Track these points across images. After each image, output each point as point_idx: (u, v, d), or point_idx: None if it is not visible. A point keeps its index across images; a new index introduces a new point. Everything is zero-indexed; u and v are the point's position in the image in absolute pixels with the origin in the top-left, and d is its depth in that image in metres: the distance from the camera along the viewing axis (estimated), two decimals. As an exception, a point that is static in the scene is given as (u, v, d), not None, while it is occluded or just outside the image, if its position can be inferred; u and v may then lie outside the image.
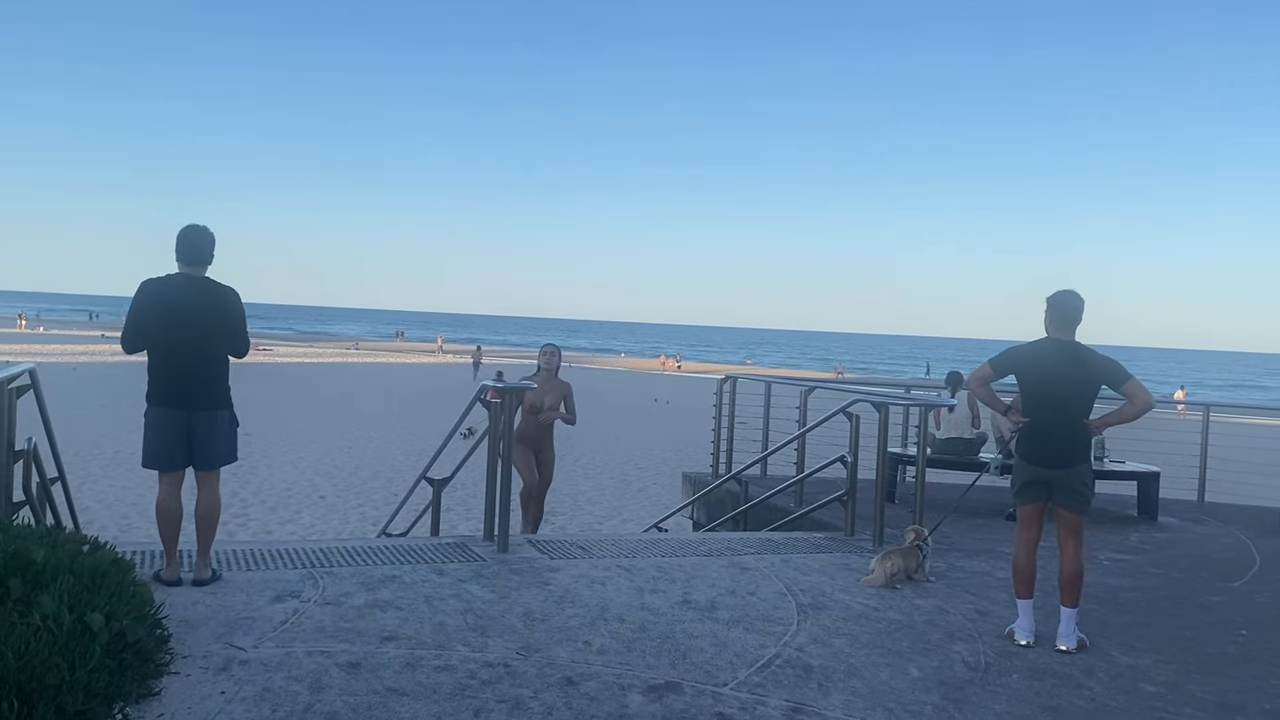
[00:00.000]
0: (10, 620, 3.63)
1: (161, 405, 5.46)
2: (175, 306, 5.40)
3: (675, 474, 15.23)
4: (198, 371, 5.45)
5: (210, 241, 5.55)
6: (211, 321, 5.46)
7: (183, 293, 5.43)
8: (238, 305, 5.60)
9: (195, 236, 5.51)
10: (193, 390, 5.45)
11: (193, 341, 5.41)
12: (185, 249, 5.50)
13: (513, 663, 4.51)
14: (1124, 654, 5.24)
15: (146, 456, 5.56)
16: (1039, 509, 5.48)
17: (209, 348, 5.48)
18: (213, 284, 5.54)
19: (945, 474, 10.28)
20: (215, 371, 5.52)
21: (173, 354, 5.41)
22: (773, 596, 5.97)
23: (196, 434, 5.51)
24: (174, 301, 5.40)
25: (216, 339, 5.50)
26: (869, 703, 4.30)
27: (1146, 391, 5.16)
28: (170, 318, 5.38)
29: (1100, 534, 8.72)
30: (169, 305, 5.40)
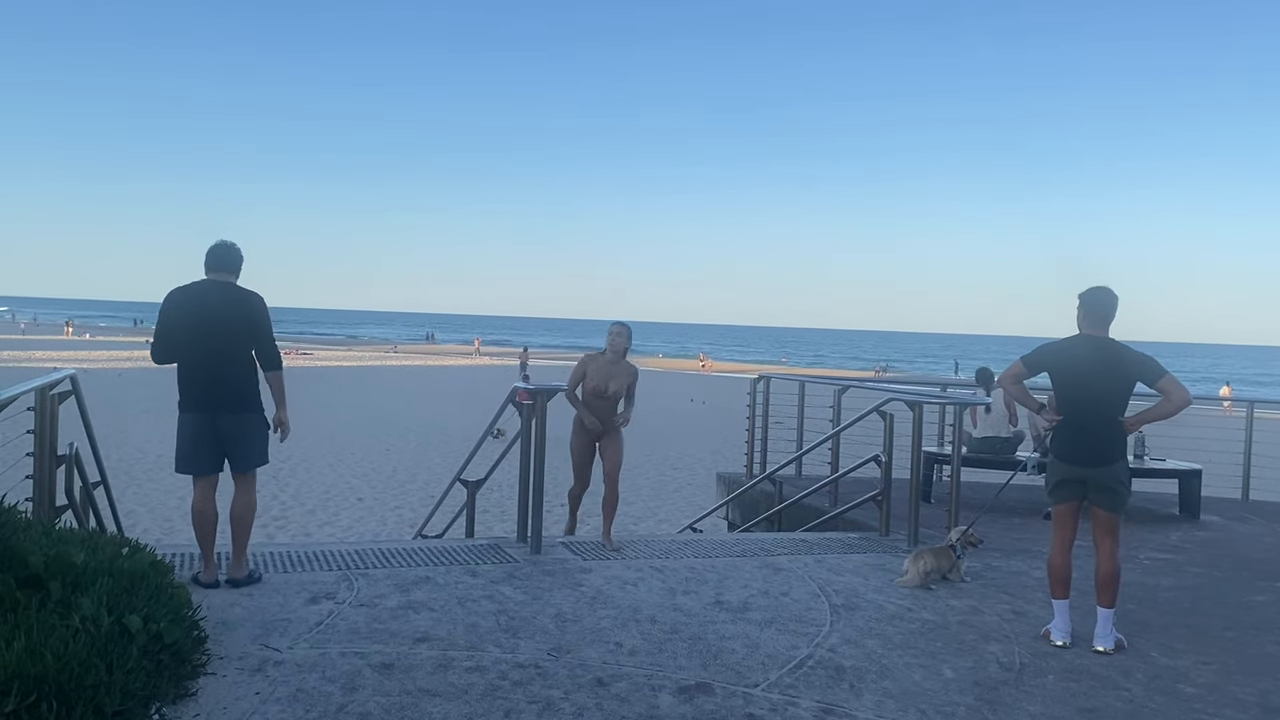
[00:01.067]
0: (50, 622, 3.70)
1: (191, 410, 5.57)
2: (203, 311, 5.51)
3: (711, 474, 15.21)
4: (225, 375, 5.53)
5: (238, 255, 5.71)
6: (239, 327, 5.56)
7: (210, 298, 5.54)
8: (263, 310, 5.70)
9: (225, 247, 5.67)
10: (221, 394, 5.53)
11: (220, 346, 5.50)
12: (215, 258, 5.64)
13: (544, 663, 4.53)
14: (1163, 655, 5.17)
15: (179, 461, 5.67)
16: (1074, 508, 5.41)
17: (236, 351, 5.56)
18: (239, 289, 5.66)
19: (983, 473, 10.20)
20: (243, 374, 5.60)
21: (201, 359, 5.51)
22: (806, 597, 5.95)
23: (227, 437, 5.59)
24: (202, 307, 5.52)
25: (244, 343, 5.59)
26: (901, 704, 4.27)
27: (1182, 387, 5.08)
28: (198, 323, 5.49)
29: (1141, 532, 8.60)
30: (196, 310, 5.52)
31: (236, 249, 5.72)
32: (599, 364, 7.15)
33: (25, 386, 5.70)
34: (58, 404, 5.98)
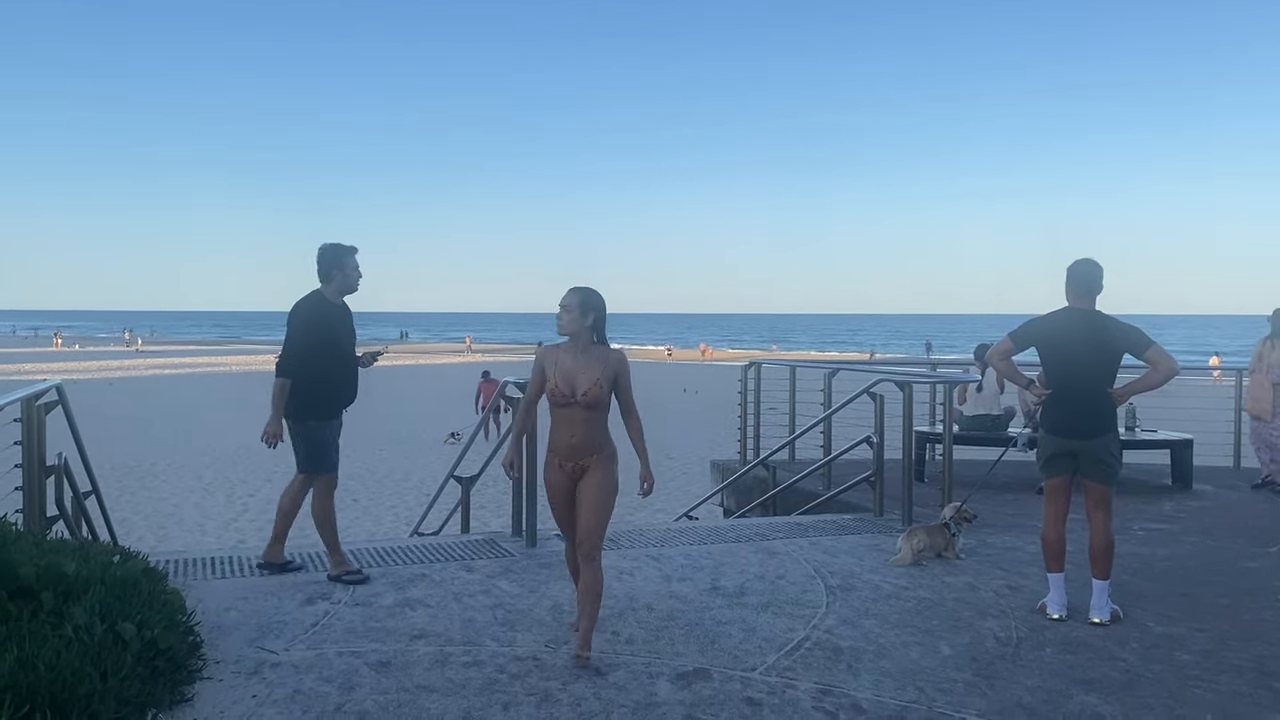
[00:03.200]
0: (42, 633, 3.69)
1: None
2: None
3: (705, 463, 15.21)
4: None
5: (320, 258, 5.81)
6: (286, 335, 5.79)
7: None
8: (293, 315, 5.78)
9: (317, 254, 5.86)
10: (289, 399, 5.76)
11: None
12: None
13: (541, 655, 4.52)
14: (1159, 624, 5.18)
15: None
16: (1066, 481, 5.42)
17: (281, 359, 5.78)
18: (304, 297, 5.84)
19: (975, 451, 10.22)
20: (295, 383, 5.71)
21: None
22: (801, 580, 5.96)
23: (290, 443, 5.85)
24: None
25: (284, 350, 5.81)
26: (899, 682, 4.27)
27: (1170, 357, 5.08)
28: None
29: (1134, 503, 8.62)
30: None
31: (320, 251, 5.83)
32: (558, 356, 4.64)
33: (10, 398, 5.67)
34: (44, 414, 5.96)
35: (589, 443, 4.56)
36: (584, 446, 4.56)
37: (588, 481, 4.57)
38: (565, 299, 4.60)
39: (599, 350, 4.62)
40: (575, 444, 4.55)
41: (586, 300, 4.59)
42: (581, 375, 4.54)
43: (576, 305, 4.57)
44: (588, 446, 4.57)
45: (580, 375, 4.54)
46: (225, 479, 16.76)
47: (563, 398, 4.53)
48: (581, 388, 4.51)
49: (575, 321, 4.57)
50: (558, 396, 4.54)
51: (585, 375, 4.53)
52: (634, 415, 4.67)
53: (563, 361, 4.60)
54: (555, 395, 4.55)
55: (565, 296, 4.61)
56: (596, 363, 4.57)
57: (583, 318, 4.57)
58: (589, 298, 4.59)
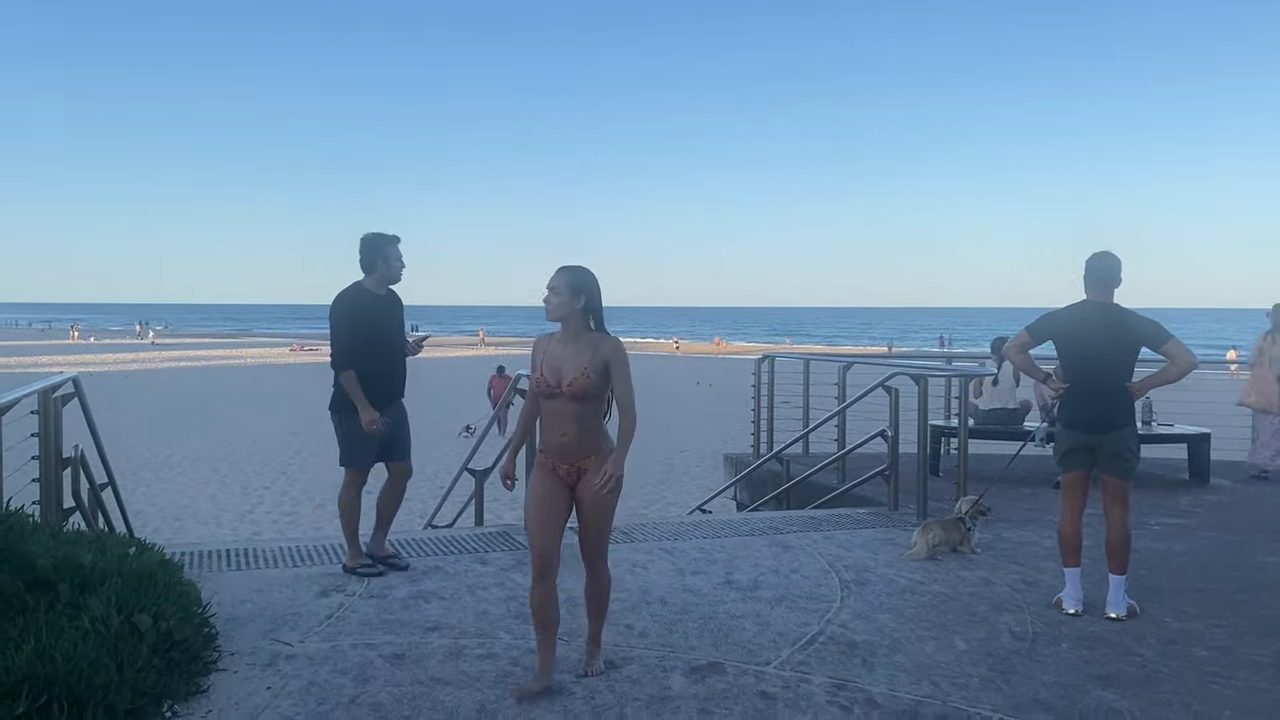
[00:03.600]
0: (59, 624, 3.71)
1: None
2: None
3: (719, 456, 15.19)
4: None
5: (363, 248, 5.77)
6: (330, 328, 5.77)
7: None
8: (334, 307, 5.74)
9: (359, 245, 5.81)
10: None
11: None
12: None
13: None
14: (1176, 619, 5.15)
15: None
16: (1083, 475, 5.38)
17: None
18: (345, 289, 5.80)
19: (990, 445, 10.17)
20: (335, 378, 5.74)
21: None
22: (816, 574, 5.94)
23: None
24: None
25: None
26: (914, 677, 4.26)
27: (1188, 351, 5.04)
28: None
29: (1151, 498, 8.57)
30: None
31: (362, 242, 5.77)
32: (548, 345, 4.19)
33: (27, 390, 5.70)
34: (60, 406, 5.98)
35: (583, 442, 4.08)
36: (578, 446, 4.08)
37: (587, 482, 4.08)
38: (552, 280, 4.08)
39: (591, 337, 4.10)
40: (568, 443, 4.08)
41: (576, 280, 4.07)
42: (568, 363, 4.04)
43: (565, 286, 4.06)
44: (582, 446, 4.08)
45: (567, 363, 4.04)
46: (240, 471, 16.84)
47: (548, 388, 4.06)
48: (567, 377, 4.01)
49: (564, 305, 4.05)
50: (543, 387, 4.07)
51: (573, 363, 4.03)
52: (628, 413, 4.08)
53: (551, 350, 4.12)
54: (540, 386, 4.09)
55: (552, 277, 4.10)
56: (586, 350, 4.05)
57: (573, 300, 4.05)
58: (579, 277, 4.08)
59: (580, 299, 4.06)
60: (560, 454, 4.11)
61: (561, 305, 4.06)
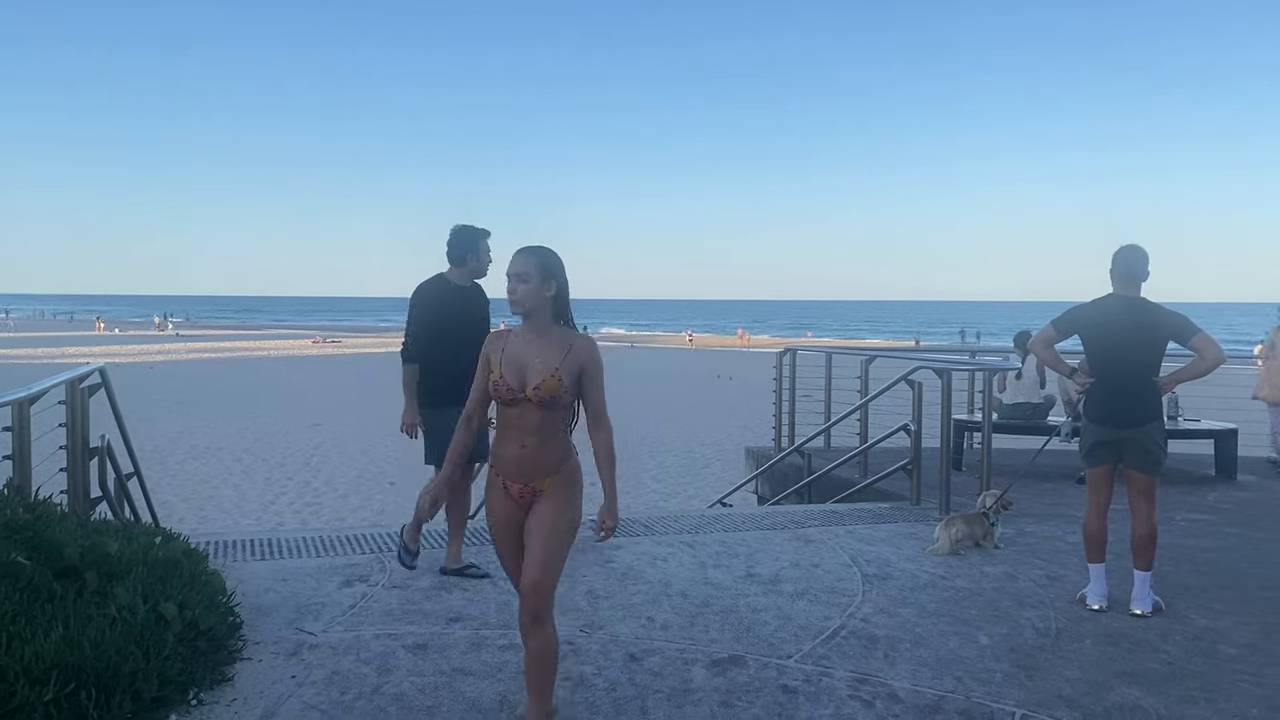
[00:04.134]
0: (87, 612, 3.75)
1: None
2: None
3: (740, 449, 15.17)
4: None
5: (455, 239, 5.66)
6: (408, 319, 5.70)
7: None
8: (414, 298, 5.66)
9: (450, 236, 5.70)
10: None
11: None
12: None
13: (576, 640, 4.53)
14: (1202, 616, 5.10)
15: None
16: (1109, 471, 5.34)
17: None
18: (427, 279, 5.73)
19: (1014, 439, 10.11)
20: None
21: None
22: (837, 568, 5.92)
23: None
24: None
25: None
26: (936, 672, 4.24)
27: (1216, 345, 4.98)
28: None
29: (1177, 494, 8.50)
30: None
31: (454, 233, 5.67)
32: (506, 341, 3.56)
33: (55, 380, 5.76)
34: (88, 397, 6.04)
35: (543, 457, 3.45)
36: (536, 462, 3.44)
37: (539, 511, 3.44)
38: (516, 264, 3.46)
39: (561, 333, 3.51)
40: (526, 457, 3.43)
41: (546, 264, 3.47)
42: (534, 363, 3.43)
43: (535, 271, 3.44)
44: (541, 462, 3.45)
45: (533, 363, 3.43)
46: (264, 462, 16.95)
47: (509, 393, 3.42)
48: (533, 379, 3.40)
49: (534, 294, 3.44)
50: (503, 392, 3.43)
51: (540, 364, 3.42)
52: (604, 425, 3.53)
53: (512, 348, 3.50)
54: (500, 391, 3.45)
55: (515, 261, 3.47)
56: (556, 348, 3.46)
57: (543, 287, 3.45)
58: (548, 260, 3.48)
59: (551, 286, 3.47)
60: (515, 471, 3.46)
61: (532, 294, 3.44)
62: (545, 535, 3.40)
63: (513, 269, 3.46)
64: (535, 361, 3.44)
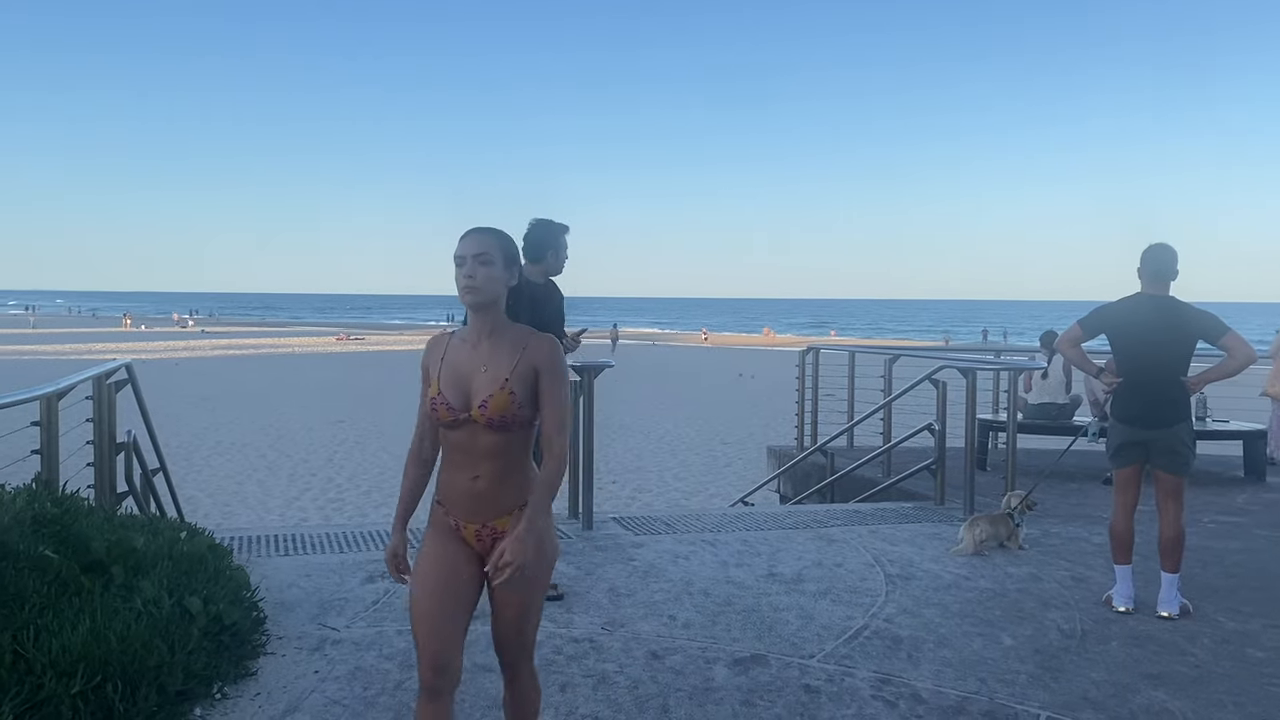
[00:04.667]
0: (113, 605, 3.78)
1: None
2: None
3: (762, 448, 15.14)
4: None
5: (534, 234, 5.28)
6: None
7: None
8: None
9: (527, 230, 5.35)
10: None
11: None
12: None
13: (598, 638, 4.53)
14: (1230, 619, 5.04)
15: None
16: (1136, 471, 5.28)
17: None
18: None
19: (1039, 439, 10.03)
20: None
21: None
22: (860, 568, 5.90)
23: None
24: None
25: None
26: (960, 673, 4.21)
27: (1247, 344, 4.92)
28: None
29: (1205, 495, 8.41)
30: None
31: (533, 228, 5.29)
32: (446, 348, 2.89)
33: (83, 376, 5.81)
34: (114, 393, 6.09)
35: (503, 490, 2.75)
36: (495, 496, 2.75)
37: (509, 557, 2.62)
38: (474, 244, 2.74)
39: (516, 333, 2.79)
40: (481, 492, 2.75)
41: (509, 246, 2.81)
42: (482, 373, 2.73)
43: (497, 253, 2.75)
44: (501, 496, 2.75)
45: (480, 373, 2.73)
46: (287, 458, 17.05)
47: (450, 413, 2.72)
48: (481, 393, 2.70)
49: (496, 283, 2.74)
50: (442, 411, 2.73)
51: (488, 373, 2.72)
52: (555, 452, 2.71)
53: (454, 355, 2.81)
54: (439, 410, 2.74)
55: (472, 240, 2.75)
56: (506, 352, 2.75)
57: (507, 274, 2.78)
58: (508, 242, 2.82)
59: (514, 273, 2.82)
60: (468, 508, 2.78)
61: (495, 281, 2.74)
62: (519, 588, 2.75)
63: (469, 249, 2.73)
64: (482, 371, 2.73)
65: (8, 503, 4.29)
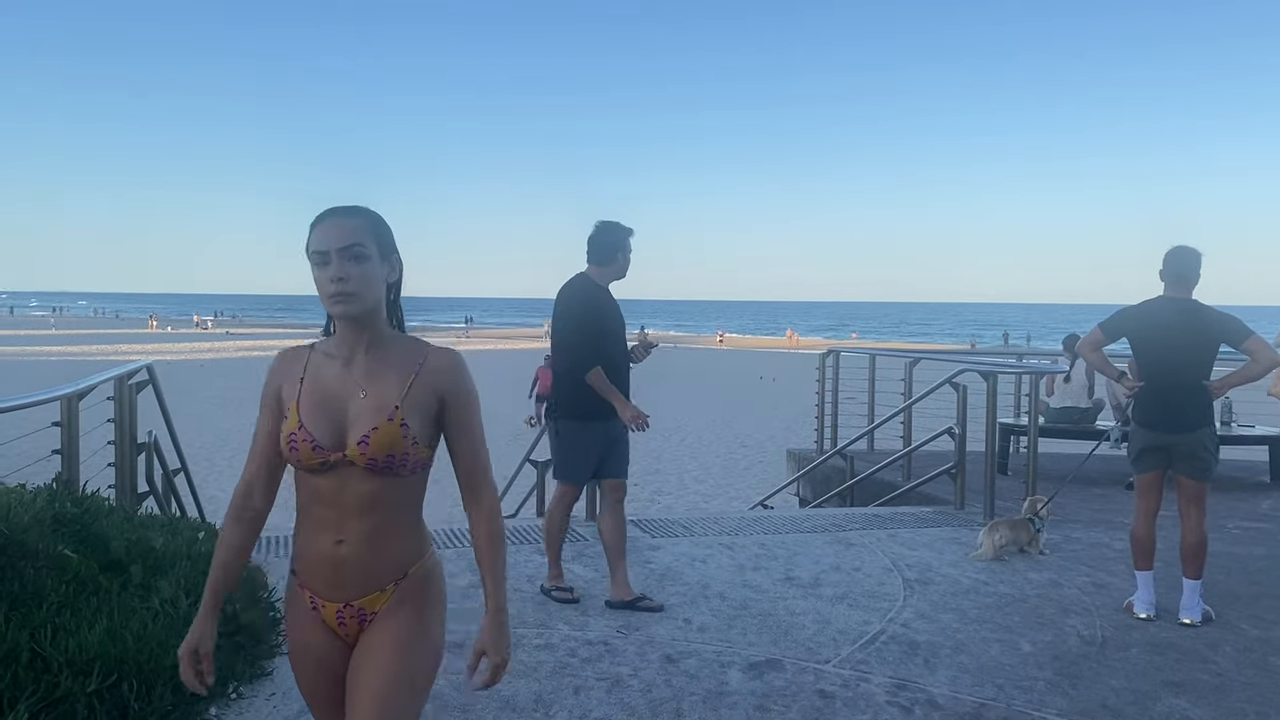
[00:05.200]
0: (131, 604, 3.81)
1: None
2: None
3: (782, 451, 15.09)
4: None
5: (601, 236, 5.14)
6: (560, 325, 5.15)
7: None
8: (566, 300, 5.10)
9: (594, 232, 5.20)
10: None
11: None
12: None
13: (613, 641, 4.53)
14: (1253, 626, 4.98)
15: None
16: (1158, 476, 5.22)
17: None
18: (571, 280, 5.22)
19: (1061, 444, 9.95)
20: (557, 376, 5.21)
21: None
22: (878, 572, 5.86)
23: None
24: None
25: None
26: (977, 678, 4.18)
27: (1270, 348, 4.86)
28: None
29: (1229, 501, 8.31)
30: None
31: (600, 230, 5.13)
32: (305, 366, 2.15)
33: (103, 376, 5.86)
34: (135, 393, 6.14)
35: (376, 557, 2.10)
36: (365, 565, 2.09)
37: (371, 646, 2.09)
38: (341, 233, 2.04)
39: (403, 346, 2.15)
40: (346, 559, 2.08)
41: (382, 231, 2.12)
42: (360, 399, 2.07)
43: (371, 241, 2.07)
44: (373, 566, 2.10)
45: (357, 399, 2.08)
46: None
47: (317, 453, 2.04)
48: (360, 425, 2.05)
49: (374, 284, 2.07)
50: (305, 450, 2.04)
51: (371, 398, 2.07)
52: (486, 495, 2.19)
53: (320, 376, 2.12)
54: (302, 447, 2.04)
55: (335, 228, 2.04)
56: (395, 370, 2.11)
57: (386, 268, 2.12)
58: (384, 228, 2.14)
59: (393, 266, 2.16)
60: (328, 580, 2.10)
61: (373, 281, 2.06)
62: (382, 691, 2.02)
63: (334, 240, 2.02)
64: (360, 396, 2.07)
65: (28, 502, 4.32)
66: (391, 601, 2.11)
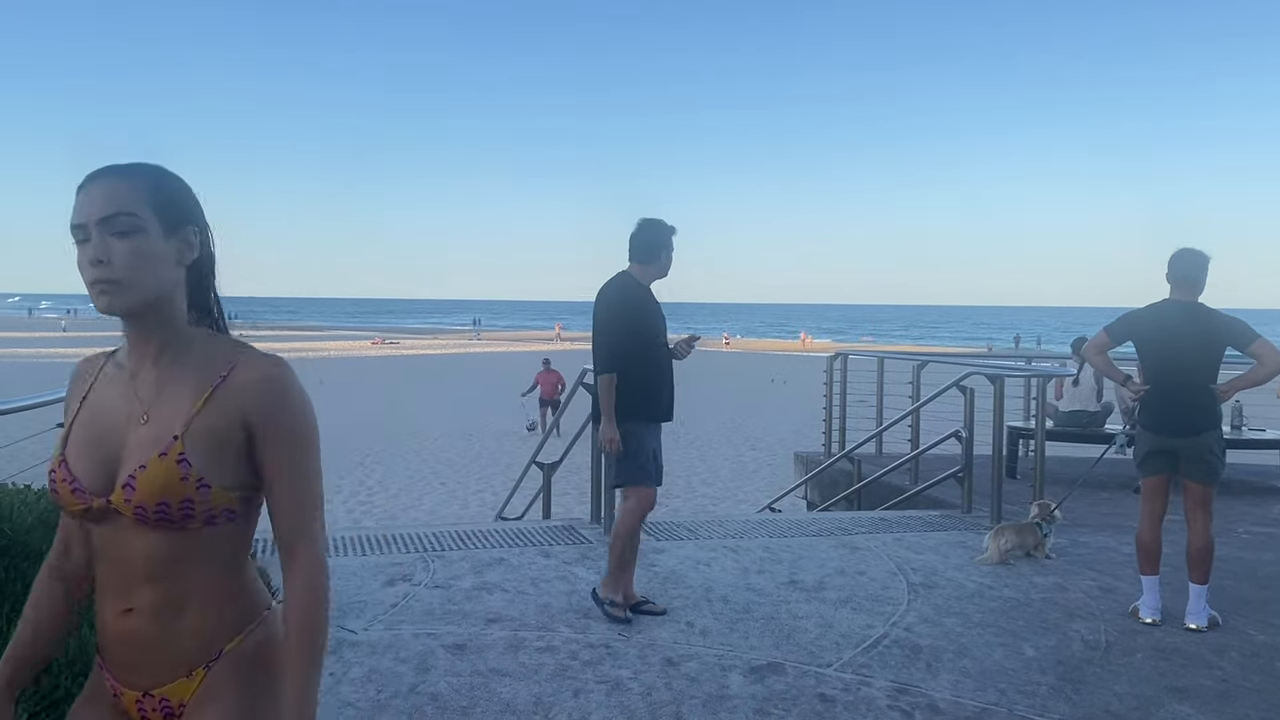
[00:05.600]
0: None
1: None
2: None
3: (791, 454, 15.06)
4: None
5: (645, 234, 5.03)
6: (600, 324, 5.04)
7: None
8: (608, 300, 4.99)
9: (636, 230, 5.07)
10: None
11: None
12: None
13: (614, 644, 4.52)
14: (1261, 632, 4.94)
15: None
16: (1164, 480, 5.19)
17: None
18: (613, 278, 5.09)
19: (1068, 447, 9.90)
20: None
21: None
22: (882, 576, 5.84)
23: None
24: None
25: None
26: (979, 683, 4.15)
27: (1277, 351, 4.82)
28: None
29: (1239, 506, 8.26)
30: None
31: (644, 227, 5.01)
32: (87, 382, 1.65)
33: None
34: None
35: (174, 633, 1.59)
36: (161, 644, 1.59)
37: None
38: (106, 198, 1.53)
39: (207, 352, 1.63)
40: (137, 635, 1.59)
41: (172, 194, 1.61)
42: (141, 425, 1.57)
43: (147, 208, 1.55)
44: (173, 644, 1.60)
45: (137, 425, 1.57)
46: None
47: (78, 497, 1.56)
48: (130, 461, 1.55)
49: (151, 265, 1.55)
50: (65, 490, 1.57)
51: (152, 425, 1.56)
52: (307, 553, 1.65)
53: (106, 395, 1.63)
54: (60, 488, 1.57)
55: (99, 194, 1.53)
56: (189, 386, 1.59)
57: (172, 246, 1.59)
58: (177, 190, 1.62)
59: (187, 241, 1.63)
60: (122, 662, 1.63)
61: (150, 262, 1.55)
62: None
63: (94, 209, 1.53)
64: (141, 422, 1.58)
65: (31, 504, 4.33)
66: (201, 691, 1.59)
